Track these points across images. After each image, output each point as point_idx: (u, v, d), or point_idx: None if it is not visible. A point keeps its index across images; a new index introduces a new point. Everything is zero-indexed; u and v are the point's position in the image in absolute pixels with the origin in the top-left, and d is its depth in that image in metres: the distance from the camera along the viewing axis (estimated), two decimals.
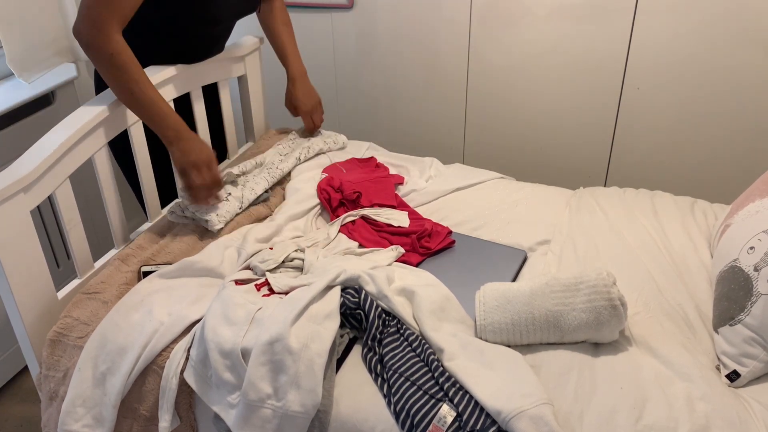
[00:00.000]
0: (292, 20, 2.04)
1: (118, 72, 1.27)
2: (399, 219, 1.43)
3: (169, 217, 1.44)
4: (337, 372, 1.06)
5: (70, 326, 1.19)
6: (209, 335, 1.07)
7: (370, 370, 1.06)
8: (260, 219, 1.48)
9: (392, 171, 1.66)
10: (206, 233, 1.40)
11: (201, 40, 1.55)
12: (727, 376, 1.03)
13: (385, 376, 1.03)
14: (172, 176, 1.59)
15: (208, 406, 1.07)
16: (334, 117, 2.37)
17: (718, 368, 1.06)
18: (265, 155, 1.65)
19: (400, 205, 1.51)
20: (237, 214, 1.44)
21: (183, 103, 1.58)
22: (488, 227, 1.44)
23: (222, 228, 1.40)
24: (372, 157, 1.70)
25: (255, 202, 1.50)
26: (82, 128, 1.26)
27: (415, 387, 0.99)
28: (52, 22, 1.89)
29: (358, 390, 1.04)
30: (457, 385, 0.99)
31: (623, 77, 1.89)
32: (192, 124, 1.66)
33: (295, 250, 1.30)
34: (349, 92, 2.29)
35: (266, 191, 1.53)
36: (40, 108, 1.84)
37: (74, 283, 1.32)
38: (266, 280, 1.23)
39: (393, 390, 1.00)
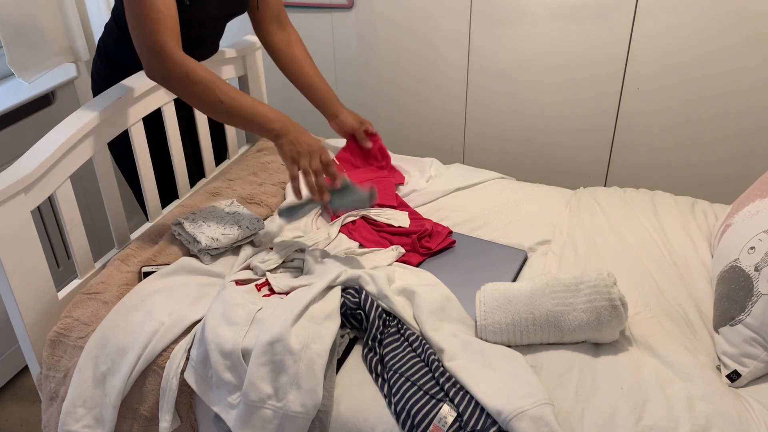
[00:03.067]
0: (292, 20, 2.03)
1: (199, 88, 1.21)
2: (399, 219, 1.43)
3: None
4: (337, 372, 1.06)
5: (70, 326, 1.18)
6: (209, 335, 1.07)
7: (370, 371, 1.06)
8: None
9: None
10: None
11: (188, 42, 1.53)
12: (728, 376, 1.03)
13: (385, 376, 1.03)
14: (172, 176, 1.59)
15: (209, 406, 1.07)
16: None
17: (718, 368, 1.06)
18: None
19: (401, 206, 1.51)
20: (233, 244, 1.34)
21: (183, 104, 1.58)
22: (488, 227, 1.44)
23: (213, 253, 1.31)
24: (373, 148, 1.65)
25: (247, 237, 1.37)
26: (82, 128, 1.26)
27: (415, 387, 0.99)
28: (52, 22, 1.88)
29: (358, 390, 1.04)
30: (458, 386, 0.99)
31: (623, 77, 1.89)
32: (192, 124, 1.66)
33: (296, 250, 1.30)
34: (350, 92, 2.29)
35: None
36: (40, 108, 1.83)
37: (74, 283, 1.32)
38: (267, 280, 1.23)
39: (393, 390, 1.00)
